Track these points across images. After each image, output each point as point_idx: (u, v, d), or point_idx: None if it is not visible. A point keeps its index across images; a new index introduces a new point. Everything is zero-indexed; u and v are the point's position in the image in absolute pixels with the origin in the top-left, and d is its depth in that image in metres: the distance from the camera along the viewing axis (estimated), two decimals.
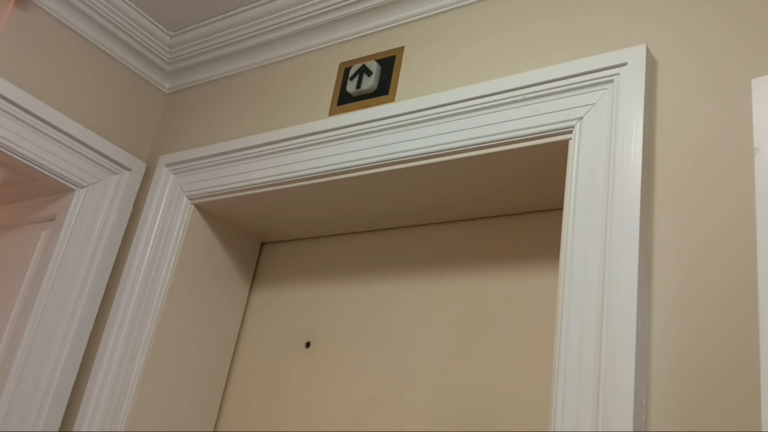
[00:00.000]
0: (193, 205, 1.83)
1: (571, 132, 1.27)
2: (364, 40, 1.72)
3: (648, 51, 1.24)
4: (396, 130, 1.50)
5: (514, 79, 1.37)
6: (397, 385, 1.56)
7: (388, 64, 1.62)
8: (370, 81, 1.61)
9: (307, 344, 1.76)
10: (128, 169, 1.92)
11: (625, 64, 1.24)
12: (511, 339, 1.46)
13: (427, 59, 1.57)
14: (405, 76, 1.58)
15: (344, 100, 1.64)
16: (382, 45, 1.67)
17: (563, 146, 1.29)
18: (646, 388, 1.04)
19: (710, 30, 1.22)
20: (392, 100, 1.56)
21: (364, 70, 1.63)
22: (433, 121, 1.45)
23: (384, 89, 1.59)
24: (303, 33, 1.81)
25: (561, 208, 1.48)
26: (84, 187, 1.84)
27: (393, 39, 1.66)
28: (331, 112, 1.65)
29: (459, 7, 1.58)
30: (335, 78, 1.71)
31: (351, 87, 1.63)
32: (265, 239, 1.98)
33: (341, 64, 1.71)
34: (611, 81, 1.25)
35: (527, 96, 1.34)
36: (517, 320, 1.47)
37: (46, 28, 1.84)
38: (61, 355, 1.72)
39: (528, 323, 1.45)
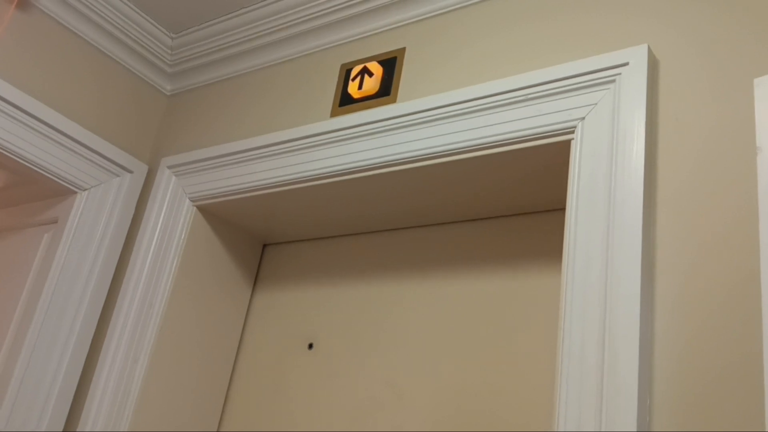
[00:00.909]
0: (195, 207, 1.83)
1: (573, 132, 1.27)
2: (366, 42, 1.71)
3: (650, 51, 1.24)
4: (398, 131, 1.49)
5: (515, 79, 1.37)
6: (399, 386, 1.56)
7: (390, 65, 1.62)
8: (371, 82, 1.61)
9: (310, 345, 1.75)
10: (130, 171, 1.92)
11: (626, 64, 1.24)
12: (514, 340, 1.46)
13: (428, 60, 1.57)
14: (406, 77, 1.58)
15: (346, 101, 1.64)
16: (384, 46, 1.67)
17: (565, 146, 1.29)
18: (650, 388, 1.04)
19: (712, 30, 1.22)
20: (394, 101, 1.56)
21: (366, 72, 1.63)
22: (435, 121, 1.44)
23: (386, 90, 1.59)
24: (304, 34, 1.81)
25: (563, 209, 1.48)
26: (86, 189, 1.84)
27: (394, 40, 1.66)
28: (333, 114, 1.65)
29: (460, 8, 1.58)
30: (336, 79, 1.71)
31: (352, 88, 1.63)
32: (268, 241, 1.98)
33: (343, 65, 1.71)
34: (613, 81, 1.24)
35: (529, 96, 1.33)
36: (520, 321, 1.47)
37: (48, 30, 1.84)
38: (64, 357, 1.72)
39: (530, 324, 1.45)
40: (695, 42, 1.23)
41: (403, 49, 1.62)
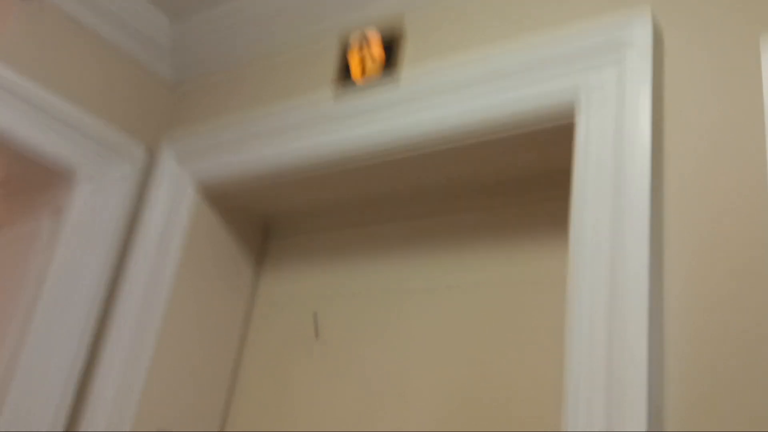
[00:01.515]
0: (199, 192, 1.82)
1: (577, 108, 1.25)
2: (368, 23, 1.69)
3: (654, 21, 1.21)
4: (402, 110, 1.48)
5: (520, 55, 1.35)
6: (406, 376, 1.55)
7: (392, 46, 1.60)
8: (373, 63, 1.60)
9: (316, 333, 1.74)
10: (133, 157, 1.91)
11: (630, 37, 1.22)
12: (521, 330, 1.44)
13: (430, 39, 1.56)
14: (409, 56, 1.57)
15: (349, 83, 1.63)
16: (386, 27, 1.65)
17: (570, 124, 1.27)
18: (660, 378, 1.02)
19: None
20: (397, 81, 1.54)
21: (368, 53, 1.62)
22: (440, 99, 1.43)
23: (389, 71, 1.57)
24: (306, 16, 1.79)
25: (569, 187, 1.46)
26: (88, 175, 1.83)
27: (396, 19, 1.64)
28: (337, 96, 1.63)
29: None
30: (339, 61, 1.69)
31: (355, 70, 1.62)
32: (273, 228, 1.97)
33: (344, 46, 1.69)
34: (618, 53, 1.22)
35: (534, 72, 1.32)
36: (527, 311, 1.45)
37: (49, 16, 1.83)
38: (67, 352, 1.71)
39: (537, 313, 1.44)
40: (700, 11, 1.20)
41: (404, 30, 1.61)
